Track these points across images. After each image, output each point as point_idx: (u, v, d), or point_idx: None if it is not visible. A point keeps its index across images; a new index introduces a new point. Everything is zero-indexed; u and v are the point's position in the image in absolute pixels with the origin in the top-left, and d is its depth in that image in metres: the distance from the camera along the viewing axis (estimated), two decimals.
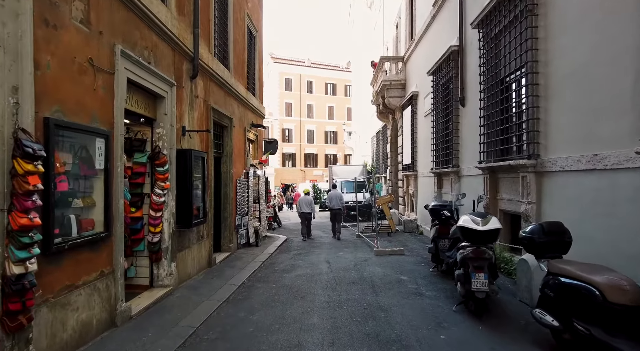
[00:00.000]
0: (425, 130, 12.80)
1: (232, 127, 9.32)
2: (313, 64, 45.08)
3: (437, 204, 7.13)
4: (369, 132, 26.60)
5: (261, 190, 11.79)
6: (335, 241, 12.00)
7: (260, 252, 9.84)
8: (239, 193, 9.82)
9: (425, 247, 10.35)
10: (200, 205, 6.86)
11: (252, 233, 10.58)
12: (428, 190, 12.48)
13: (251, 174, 10.70)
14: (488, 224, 4.49)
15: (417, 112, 14.03)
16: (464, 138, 9.50)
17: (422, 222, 13.17)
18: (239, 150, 10.10)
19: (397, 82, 15.93)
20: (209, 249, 7.73)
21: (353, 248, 10.45)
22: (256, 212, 11.54)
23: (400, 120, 16.18)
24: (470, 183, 9.02)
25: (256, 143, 12.03)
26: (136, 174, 5.78)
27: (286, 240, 12.40)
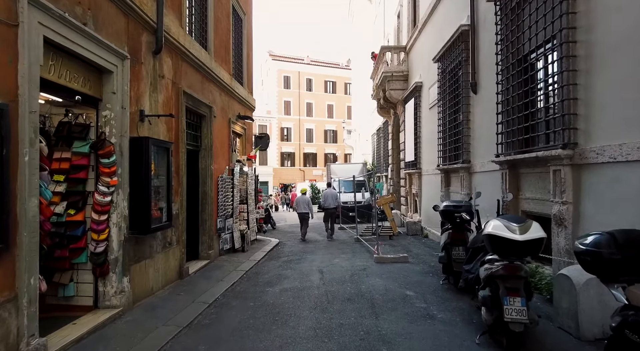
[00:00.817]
0: (431, 123, 11.60)
1: (212, 116, 8.13)
2: (312, 61, 43.87)
3: (450, 205, 5.93)
4: (370, 130, 25.42)
5: (250, 189, 10.60)
6: (330, 244, 10.80)
7: (246, 259, 8.65)
8: (221, 192, 8.63)
9: (432, 253, 9.15)
10: (163, 206, 5.67)
11: (237, 237, 9.39)
12: (434, 189, 11.28)
13: (237, 171, 9.52)
14: (529, 232, 3.28)
15: (420, 105, 12.83)
16: (476, 129, 8.30)
17: (427, 224, 11.97)
18: (222, 144, 8.92)
19: (399, 74, 14.74)
20: (180, 258, 6.54)
21: (351, 254, 9.25)
22: (243, 213, 10.35)
23: (402, 114, 14.98)
24: (484, 180, 7.82)
25: (244, 138, 10.85)
26: (76, 167, 4.59)
27: (278, 244, 11.21)
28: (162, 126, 5.94)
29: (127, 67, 4.94)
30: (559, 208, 5.10)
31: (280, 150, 41.88)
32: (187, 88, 6.92)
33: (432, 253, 9.12)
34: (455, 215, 5.69)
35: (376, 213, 9.40)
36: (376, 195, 13.01)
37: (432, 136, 11.34)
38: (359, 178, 17.63)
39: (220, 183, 8.59)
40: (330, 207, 12.22)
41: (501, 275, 3.51)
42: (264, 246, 10.57)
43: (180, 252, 6.53)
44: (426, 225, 12.00)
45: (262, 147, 11.85)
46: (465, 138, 8.67)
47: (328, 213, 12.30)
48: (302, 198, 12.55)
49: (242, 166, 10.01)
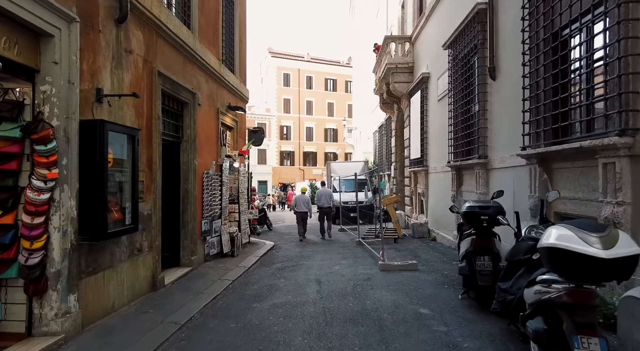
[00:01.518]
0: (440, 116, 10.58)
1: (196, 104, 7.11)
2: (313, 59, 42.84)
3: (475, 205, 4.88)
4: (371, 127, 24.41)
5: (242, 188, 9.59)
6: (330, 248, 9.78)
7: (235, 266, 7.63)
8: (207, 190, 7.61)
9: (442, 258, 8.13)
10: (127, 205, 4.66)
11: (226, 240, 8.37)
12: (443, 188, 10.26)
13: (226, 167, 8.50)
14: (617, 246, 2.21)
15: (428, 97, 11.81)
16: (495, 120, 7.28)
17: (434, 226, 10.95)
18: (208, 136, 7.90)
19: (404, 65, 13.71)
20: (153, 266, 5.52)
21: (352, 259, 8.23)
22: (234, 214, 9.33)
23: (407, 109, 13.97)
24: (505, 177, 6.80)
25: (236, 131, 9.83)
26: (5, 156, 3.58)
27: (272, 247, 10.19)
28: (129, 110, 4.92)
29: (76, 33, 3.92)
30: (612, 210, 4.08)
31: (279, 149, 40.87)
32: (164, 70, 5.90)
33: (442, 259, 8.11)
34: (481, 217, 4.65)
35: (380, 214, 8.36)
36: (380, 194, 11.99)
37: (442, 130, 10.33)
38: (360, 177, 16.65)
39: (206, 180, 7.57)
40: (324, 206, 11.90)
41: (565, 304, 2.50)
42: (257, 250, 9.55)
43: (153, 260, 5.51)
44: (434, 227, 10.98)
45: (256, 142, 10.83)
46: (481, 131, 7.65)
47: (322, 212, 11.98)
48: (302, 197, 12.17)
49: (232, 162, 8.99)
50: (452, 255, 8.37)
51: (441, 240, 10.19)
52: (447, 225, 9.84)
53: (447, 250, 9.11)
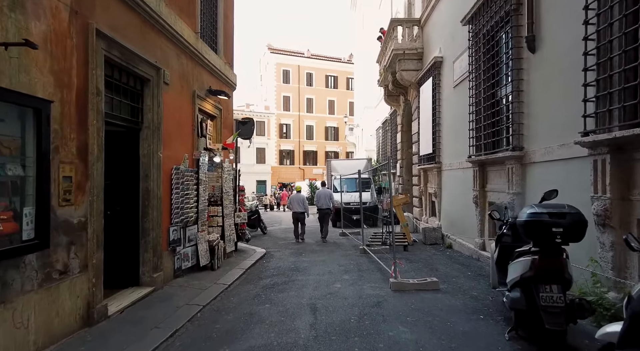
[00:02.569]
0: (456, 105, 9.08)
1: (161, 83, 5.62)
2: (313, 55, 41.28)
3: (544, 211, 3.24)
4: (374, 124, 22.91)
5: (226, 187, 8.09)
6: (330, 257, 8.26)
7: (212, 282, 6.14)
8: (177, 189, 6.11)
9: (465, 272, 6.62)
10: (27, 212, 3.17)
11: (204, 251, 6.87)
12: (460, 187, 8.76)
13: (204, 162, 7.00)
14: None
15: (441, 85, 10.31)
16: (536, 102, 5.76)
17: (449, 231, 9.44)
18: (180, 124, 6.40)
19: (412, 51, 12.19)
20: (88, 292, 4.01)
21: (356, 274, 6.72)
22: (217, 218, 7.84)
23: (416, 100, 12.46)
24: (550, 173, 5.29)
25: (219, 121, 8.32)
26: None
27: (263, 256, 8.69)
28: (41, 76, 3.42)
29: None
30: None
31: (279, 148, 39.36)
32: (111, 31, 4.41)
33: (466, 273, 6.60)
34: (553, 230, 3.13)
35: (392, 218, 6.84)
36: (386, 194, 10.50)
37: (459, 121, 8.83)
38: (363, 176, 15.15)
39: (176, 177, 6.07)
40: (323, 207, 11.24)
41: None
42: (244, 260, 8.05)
43: (88, 284, 4.01)
44: (449, 232, 9.47)
45: (245, 135, 9.34)
46: (514, 117, 6.14)
47: (322, 213, 11.31)
48: (297, 197, 11.35)
49: (212, 156, 7.50)
50: (475, 268, 6.87)
51: (459, 248, 8.68)
52: (466, 230, 8.34)
53: (467, 260, 7.60)
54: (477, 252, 7.65)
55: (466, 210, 8.35)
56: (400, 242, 9.21)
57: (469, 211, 8.04)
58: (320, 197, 11.42)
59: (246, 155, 37.11)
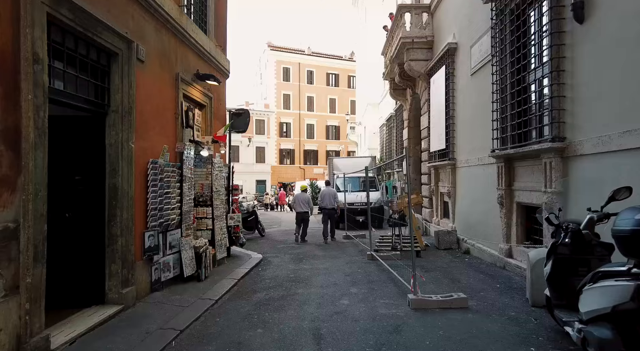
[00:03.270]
0: (475, 94, 8.10)
1: (133, 59, 4.64)
2: (314, 53, 40.28)
3: None
4: (377, 121, 21.93)
5: (217, 185, 7.10)
6: (334, 264, 7.26)
7: (196, 297, 5.15)
8: (154, 188, 5.12)
9: (493, 284, 5.62)
10: None
11: (189, 258, 5.87)
12: (480, 186, 7.77)
13: (189, 156, 6.02)
14: None
15: (455, 73, 9.32)
16: (584, 83, 4.76)
17: (466, 235, 8.45)
18: (160, 111, 5.41)
19: (422, 40, 11.21)
20: (17, 323, 3.01)
21: (366, 286, 5.73)
22: (206, 220, 6.86)
23: (425, 92, 11.47)
24: (606, 169, 4.29)
25: (209, 111, 7.34)
26: None
27: (259, 262, 7.70)
28: None
29: None
30: None
31: (279, 147, 38.35)
32: None
33: (493, 285, 5.61)
34: None
35: (411, 221, 5.80)
36: (395, 194, 9.51)
37: (478, 112, 7.85)
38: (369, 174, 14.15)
39: (153, 173, 5.08)
40: (327, 207, 10.67)
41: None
42: (237, 268, 7.07)
43: (18, 311, 3.01)
44: (466, 236, 8.47)
45: (240, 128, 8.36)
46: (555, 102, 5.14)
47: (325, 213, 10.71)
48: (301, 196, 10.95)
49: (199, 149, 6.52)
50: (503, 279, 5.88)
51: (478, 254, 7.69)
52: (488, 234, 7.35)
53: (491, 269, 6.61)
54: (502, 259, 6.67)
55: (488, 212, 7.37)
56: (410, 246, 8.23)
57: (492, 213, 7.06)
58: (324, 196, 10.80)
59: (245, 155, 36.14)
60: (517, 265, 6.16)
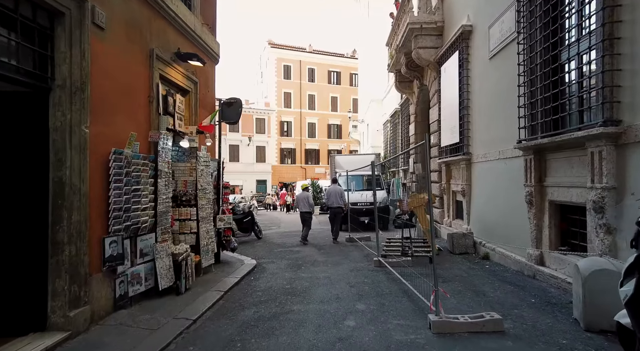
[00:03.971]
0: (495, 80, 7.14)
1: (87, 23, 3.70)
2: (315, 50, 39.30)
3: None
4: (381, 118, 20.98)
5: (202, 183, 6.16)
6: (336, 274, 6.27)
7: (170, 317, 4.21)
8: (120, 184, 4.18)
9: (528, 299, 4.66)
10: None
11: (165, 268, 4.93)
12: (502, 182, 6.82)
13: (166, 148, 5.08)
14: None
15: (470, 59, 8.37)
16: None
17: (485, 237, 7.48)
18: (127, 91, 4.47)
19: (431, 26, 10.26)
20: None
21: (375, 301, 4.77)
22: (190, 222, 5.93)
23: (435, 82, 10.52)
24: None
25: (193, 97, 6.40)
26: None
27: (252, 270, 6.76)
28: None
29: None
30: None
31: (279, 146, 37.41)
32: None
33: (527, 299, 4.65)
34: None
35: (431, 224, 4.80)
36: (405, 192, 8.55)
37: (499, 99, 6.90)
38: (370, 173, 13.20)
39: (117, 165, 4.14)
40: (333, 205, 10.07)
41: None
42: (226, 277, 6.13)
43: None
44: (484, 239, 7.51)
45: (231, 118, 7.41)
46: (607, 78, 4.17)
47: (332, 212, 10.11)
48: (301, 195, 10.48)
49: (180, 138, 5.59)
50: (537, 291, 4.93)
51: (500, 260, 6.73)
52: (512, 237, 6.39)
53: (519, 278, 5.65)
54: (531, 267, 5.70)
55: (511, 212, 6.42)
56: (424, 252, 7.28)
57: (517, 213, 6.11)
58: (330, 194, 10.17)
59: (245, 154, 35.25)
60: (552, 274, 5.19)
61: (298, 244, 9.82)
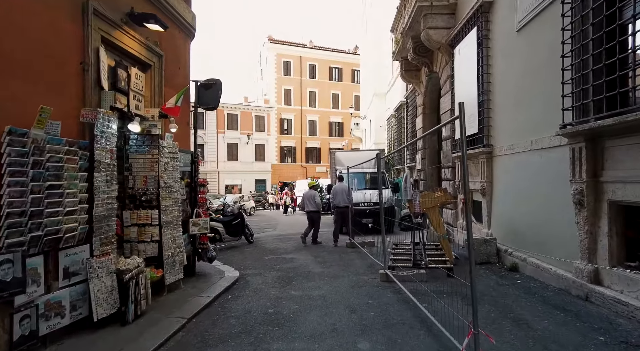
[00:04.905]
0: (527, 55, 5.82)
1: None
2: (316, 46, 37.97)
3: None
4: (385, 113, 19.70)
5: (168, 179, 4.91)
6: (334, 293, 4.98)
7: None
8: (20, 179, 2.93)
9: (594, 336, 3.31)
10: None
11: (104, 291, 3.66)
12: (536, 178, 5.54)
13: (107, 131, 3.83)
14: None
15: (491, 36, 7.10)
16: None
17: (511, 244, 6.20)
18: (40, 50, 3.21)
19: (442, 3, 8.96)
20: None
21: (385, 338, 3.45)
22: (150, 228, 4.70)
23: (447, 67, 9.25)
24: None
25: (157, 74, 5.14)
26: None
27: (232, 285, 5.50)
28: None
29: None
30: None
31: (279, 145, 36.13)
32: None
33: (592, 334, 3.36)
34: None
35: (470, 232, 3.52)
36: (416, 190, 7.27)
37: (531, 78, 5.63)
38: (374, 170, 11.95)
39: (14, 152, 2.88)
40: (341, 205, 9.22)
41: None
42: (196, 295, 4.88)
43: None
44: (511, 247, 6.23)
45: (208, 103, 6.17)
46: None
47: (338, 212, 9.29)
48: (308, 194, 9.69)
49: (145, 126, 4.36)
50: (599, 322, 3.65)
51: (534, 273, 5.45)
52: (548, 246, 5.14)
53: (565, 299, 4.38)
54: (581, 285, 4.43)
55: (550, 215, 5.16)
56: (441, 264, 6.01)
57: (559, 216, 4.87)
58: (337, 193, 9.33)
59: (244, 152, 34.04)
60: (616, 298, 3.91)
61: (293, 250, 8.59)
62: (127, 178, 4.86)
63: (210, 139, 32.36)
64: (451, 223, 9.08)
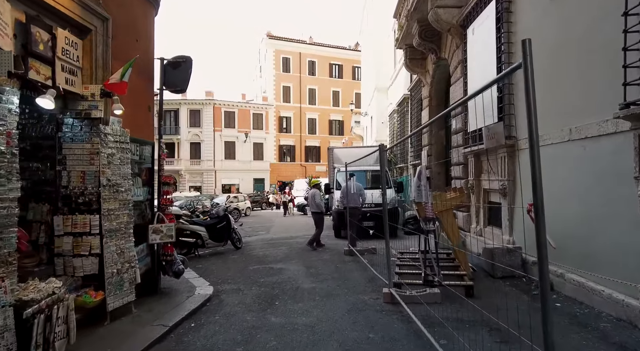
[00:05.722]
0: (565, 23, 4.70)
1: None
2: (316, 43, 36.84)
3: None
4: (387, 109, 18.61)
5: (112, 176, 3.83)
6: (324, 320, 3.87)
7: None
8: None
9: None
10: None
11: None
12: (576, 175, 4.42)
13: (6, 108, 2.75)
14: None
15: (513, 8, 6.00)
16: None
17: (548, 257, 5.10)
18: None
19: None
20: None
21: None
22: (89, 239, 3.61)
23: (459, 51, 8.13)
24: None
25: (99, 41, 4.03)
26: None
27: (199, 308, 4.39)
28: None
29: None
30: None
31: (278, 143, 35.02)
32: None
33: None
34: None
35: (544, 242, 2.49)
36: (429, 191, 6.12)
37: (569, 54, 4.53)
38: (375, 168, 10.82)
39: None
40: (351, 205, 8.38)
41: None
42: (147, 324, 3.77)
43: None
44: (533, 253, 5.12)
45: (176, 85, 5.07)
46: None
47: (351, 214, 8.27)
48: (311, 194, 9.36)
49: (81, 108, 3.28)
50: None
51: (576, 294, 4.34)
52: (598, 261, 4.03)
53: (626, 334, 3.27)
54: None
55: (600, 221, 4.07)
56: (457, 279, 4.88)
57: (613, 223, 3.80)
58: (348, 192, 8.44)
59: (242, 151, 32.97)
60: None
61: (283, 258, 7.50)
62: (59, 174, 3.77)
63: (207, 137, 31.30)
64: (463, 228, 7.96)
